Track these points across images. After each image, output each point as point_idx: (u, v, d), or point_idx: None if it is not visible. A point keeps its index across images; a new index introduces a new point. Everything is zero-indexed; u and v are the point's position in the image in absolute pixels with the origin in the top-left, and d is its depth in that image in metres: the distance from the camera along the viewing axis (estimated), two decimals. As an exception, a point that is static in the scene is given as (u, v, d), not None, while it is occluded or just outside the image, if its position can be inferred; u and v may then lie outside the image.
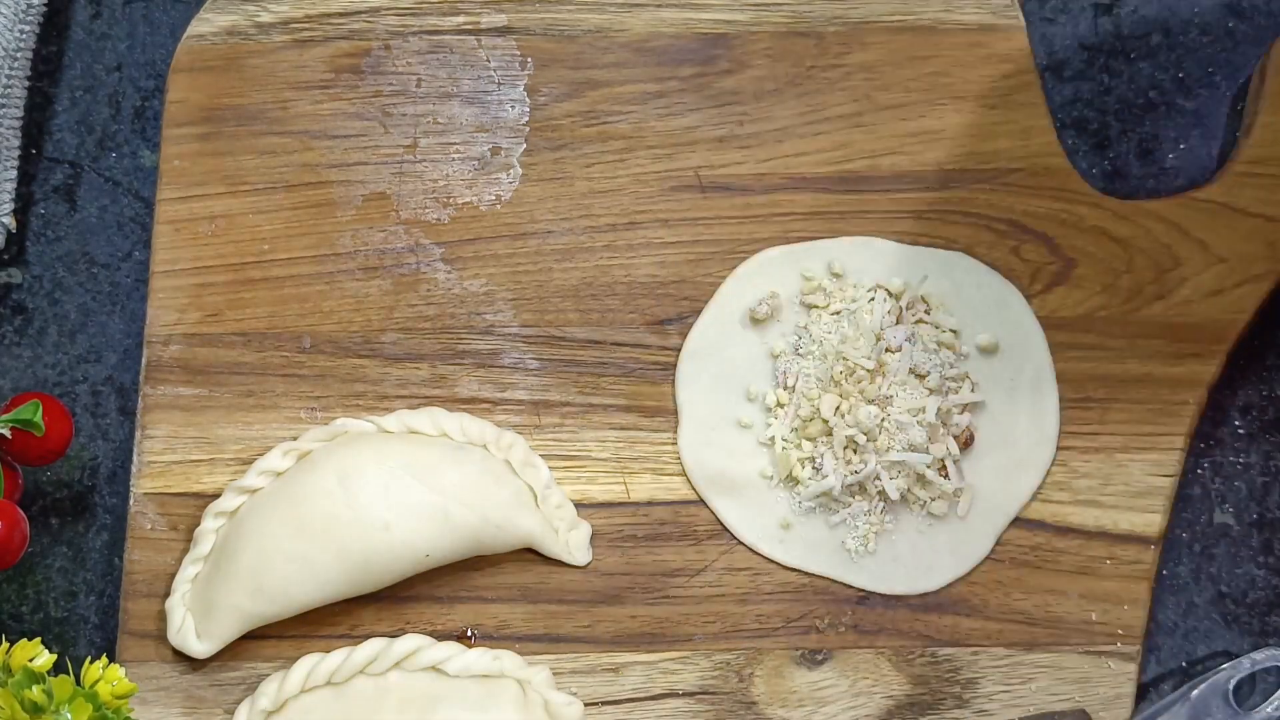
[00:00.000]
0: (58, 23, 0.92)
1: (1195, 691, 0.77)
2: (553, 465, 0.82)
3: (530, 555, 0.80)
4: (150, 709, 0.78)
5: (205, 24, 0.87)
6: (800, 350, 0.82)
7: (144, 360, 0.83)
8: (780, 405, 0.82)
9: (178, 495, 0.81)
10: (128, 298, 0.88)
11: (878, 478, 0.80)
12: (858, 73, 0.87)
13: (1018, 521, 0.81)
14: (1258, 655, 0.78)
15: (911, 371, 0.80)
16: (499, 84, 0.87)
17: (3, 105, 0.86)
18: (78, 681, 0.69)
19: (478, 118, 0.87)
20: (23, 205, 0.89)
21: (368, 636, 0.78)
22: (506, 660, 0.78)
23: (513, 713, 0.76)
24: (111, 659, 0.71)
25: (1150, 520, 0.81)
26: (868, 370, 0.80)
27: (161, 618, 0.79)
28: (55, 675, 0.69)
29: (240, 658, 0.79)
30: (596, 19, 0.88)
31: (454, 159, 0.86)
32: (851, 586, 0.80)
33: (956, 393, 0.81)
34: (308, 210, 0.86)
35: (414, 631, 0.79)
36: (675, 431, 0.82)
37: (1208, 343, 0.82)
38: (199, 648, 0.78)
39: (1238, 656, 0.80)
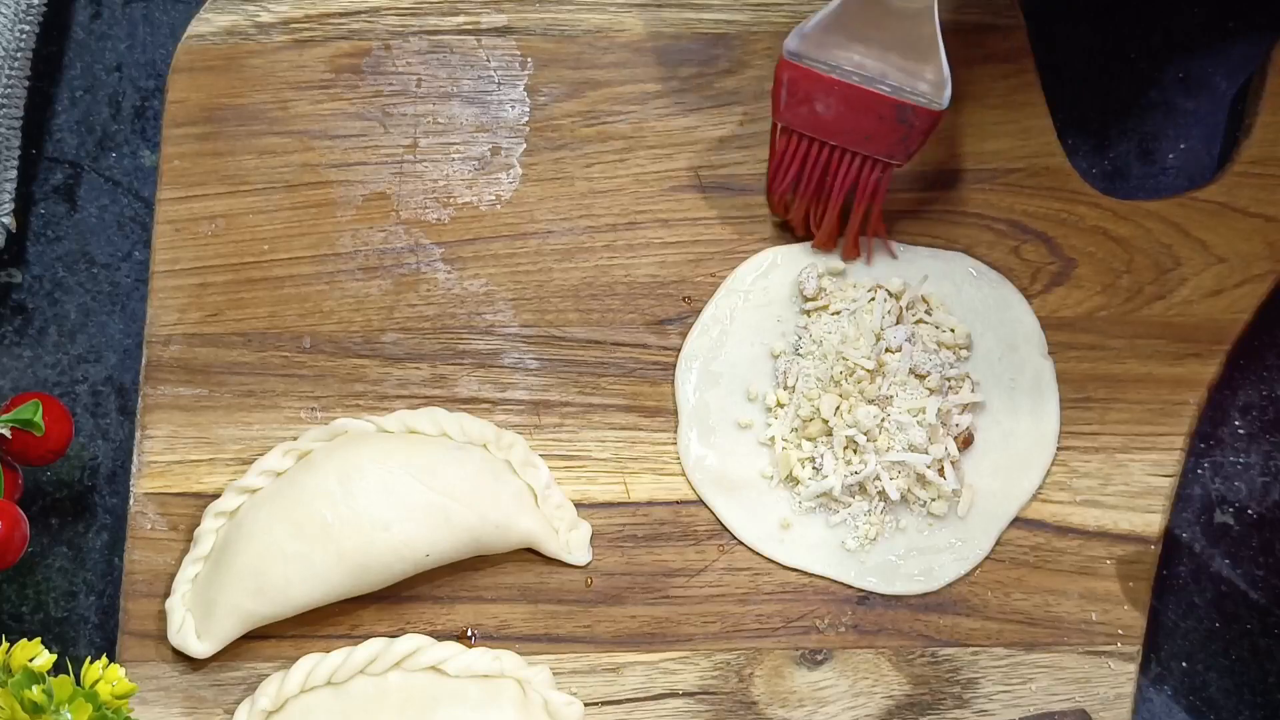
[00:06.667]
0: (58, 23, 0.92)
1: None
2: (553, 465, 0.82)
3: (530, 555, 0.81)
4: (150, 709, 0.78)
5: (205, 24, 0.87)
6: (800, 350, 0.82)
7: (144, 360, 0.83)
8: (780, 405, 0.82)
9: (178, 495, 0.81)
10: (128, 298, 0.88)
11: (878, 478, 0.80)
12: (858, 73, 0.87)
13: (1018, 521, 0.81)
14: None
15: (911, 371, 0.80)
16: (499, 84, 0.87)
17: (3, 105, 0.86)
18: (78, 681, 0.69)
19: (478, 118, 0.87)
20: (23, 205, 0.89)
21: (368, 636, 0.78)
22: (506, 660, 0.78)
23: (513, 713, 0.76)
24: (111, 659, 0.71)
25: (1150, 520, 0.81)
26: (868, 370, 0.80)
27: (161, 618, 0.79)
28: (55, 675, 0.69)
29: (240, 658, 0.79)
30: (596, 19, 0.88)
31: (454, 159, 0.86)
32: (851, 586, 0.80)
33: (956, 393, 0.81)
34: (308, 210, 0.86)
35: (414, 631, 0.79)
36: (675, 431, 0.82)
37: (1208, 343, 0.82)
38: (199, 648, 0.78)
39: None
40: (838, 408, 0.80)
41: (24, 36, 0.87)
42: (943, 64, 0.78)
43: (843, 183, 0.81)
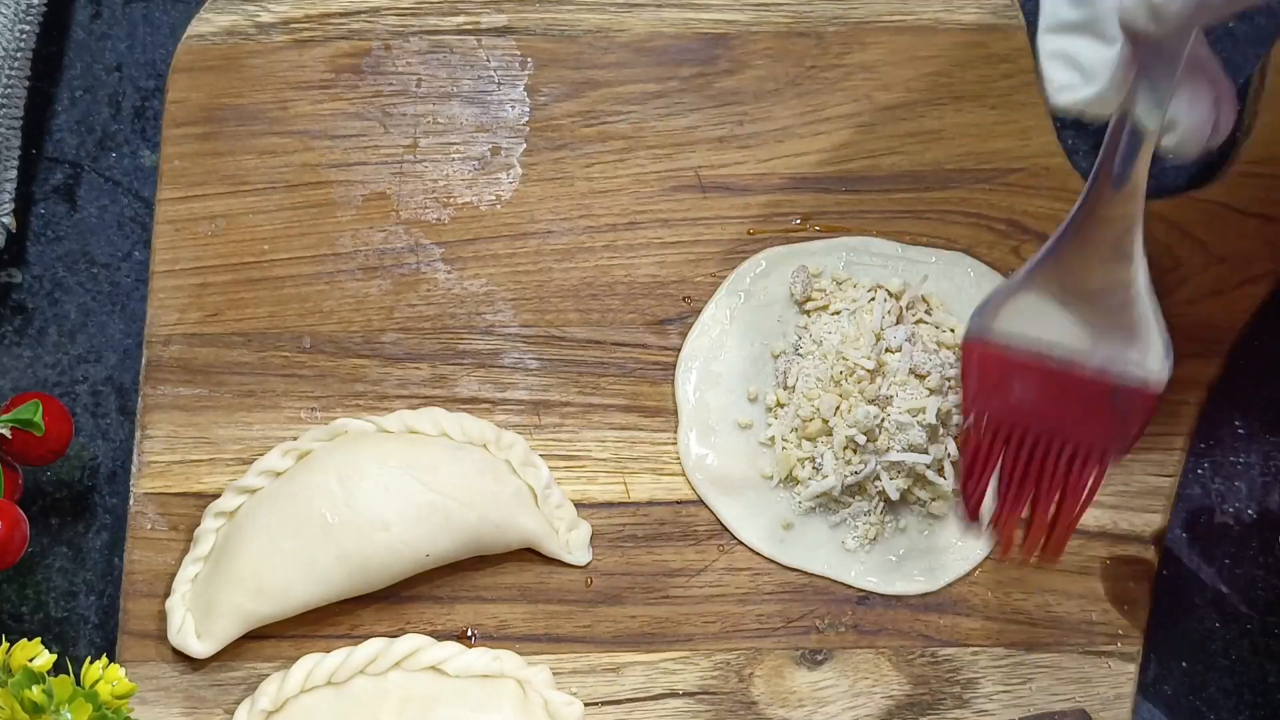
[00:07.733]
0: (58, 23, 0.92)
1: None
2: (553, 465, 0.82)
3: (530, 555, 0.81)
4: (150, 709, 0.78)
5: (205, 24, 0.87)
6: (800, 350, 0.82)
7: (144, 360, 0.83)
8: (780, 405, 0.82)
9: (178, 495, 0.81)
10: (128, 298, 0.88)
11: (877, 478, 0.80)
12: (858, 73, 0.87)
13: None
14: None
15: (911, 371, 0.80)
16: (499, 84, 0.87)
17: (3, 105, 0.86)
18: (78, 681, 0.69)
19: (478, 118, 0.87)
20: (23, 205, 0.89)
21: (368, 636, 0.78)
22: (506, 660, 0.78)
23: (513, 713, 0.76)
24: (111, 659, 0.71)
25: (1150, 520, 0.81)
26: (868, 370, 0.80)
27: (161, 618, 0.79)
28: (55, 675, 0.69)
29: (240, 658, 0.79)
30: (596, 19, 0.88)
31: (454, 159, 0.86)
32: (851, 586, 0.80)
33: (956, 393, 0.81)
34: (308, 210, 0.86)
35: (414, 631, 0.79)
36: (675, 431, 0.82)
37: (1208, 343, 0.82)
38: (199, 648, 0.78)
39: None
40: (838, 408, 0.80)
41: (24, 36, 0.87)
42: (1156, 333, 0.67)
43: (1052, 481, 0.69)
